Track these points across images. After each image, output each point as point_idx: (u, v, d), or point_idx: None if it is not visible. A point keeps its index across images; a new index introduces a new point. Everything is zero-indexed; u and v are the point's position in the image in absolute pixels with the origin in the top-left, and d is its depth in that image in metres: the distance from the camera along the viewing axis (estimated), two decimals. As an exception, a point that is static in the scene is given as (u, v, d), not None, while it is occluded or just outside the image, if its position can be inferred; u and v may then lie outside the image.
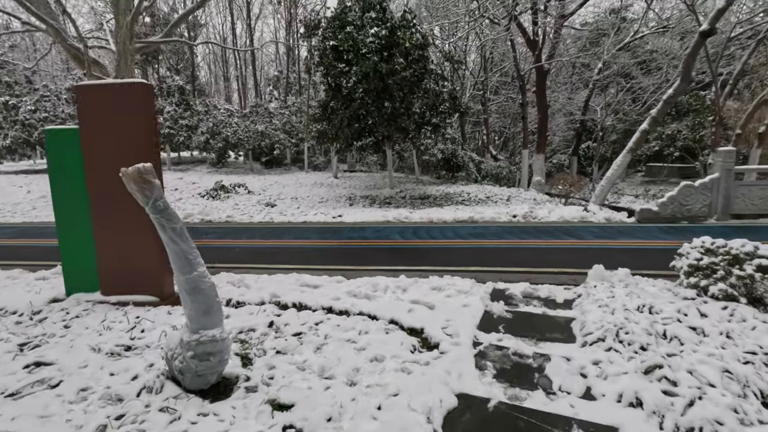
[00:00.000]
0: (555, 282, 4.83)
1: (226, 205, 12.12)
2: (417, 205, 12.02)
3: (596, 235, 7.30)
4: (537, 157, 16.38)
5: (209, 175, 21.27)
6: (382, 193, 14.46)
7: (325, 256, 6.47)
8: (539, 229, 7.95)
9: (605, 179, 11.88)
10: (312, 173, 21.94)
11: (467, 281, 4.61)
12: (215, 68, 53.44)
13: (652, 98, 20.49)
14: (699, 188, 8.13)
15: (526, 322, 3.74)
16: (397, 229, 8.17)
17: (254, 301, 4.32)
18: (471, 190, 15.14)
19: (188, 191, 14.90)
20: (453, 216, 9.14)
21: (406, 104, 11.24)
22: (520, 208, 9.79)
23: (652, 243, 6.77)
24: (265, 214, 10.38)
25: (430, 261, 5.90)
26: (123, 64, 15.05)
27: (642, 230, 7.68)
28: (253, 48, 30.72)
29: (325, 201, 13.18)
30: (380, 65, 10.28)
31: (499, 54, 25.95)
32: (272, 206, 12.03)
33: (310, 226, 8.91)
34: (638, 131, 11.47)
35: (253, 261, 6.06)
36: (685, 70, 10.58)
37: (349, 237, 7.60)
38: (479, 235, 7.53)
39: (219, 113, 25.93)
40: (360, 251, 6.72)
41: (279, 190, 15.64)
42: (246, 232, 8.33)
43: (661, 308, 3.53)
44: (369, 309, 3.99)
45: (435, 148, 19.57)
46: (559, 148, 26.66)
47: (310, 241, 7.40)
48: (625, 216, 8.80)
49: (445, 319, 3.71)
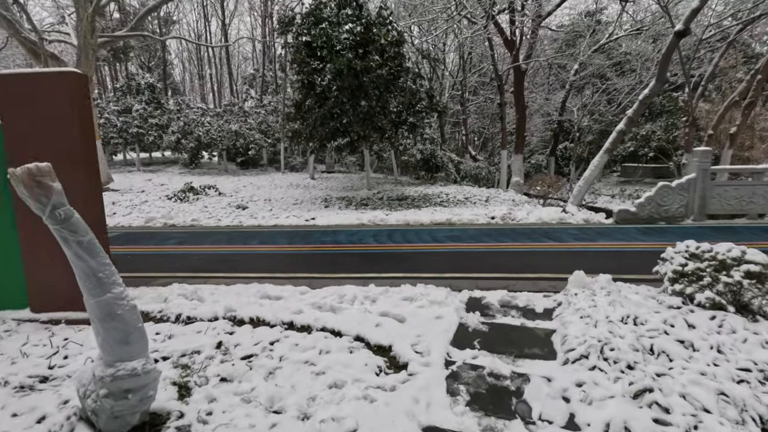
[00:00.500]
0: (534, 289, 4.57)
1: (195, 207, 11.53)
2: (394, 207, 11.70)
3: (575, 237, 7.12)
4: (515, 158, 16.30)
5: (181, 176, 20.47)
6: (359, 194, 14.09)
7: (293, 263, 6.06)
8: (518, 231, 7.73)
9: (583, 180, 11.82)
10: (289, 174, 21.39)
11: (441, 290, 4.29)
12: (190, 66, 52.09)
13: (626, 99, 20.79)
14: (676, 189, 8.07)
15: (504, 336, 3.44)
16: (371, 233, 7.82)
17: (206, 317, 3.90)
18: (450, 191, 14.92)
19: (155, 193, 14.20)
20: (430, 218, 8.85)
21: (382, 103, 10.91)
22: (499, 209, 9.58)
23: (631, 245, 6.61)
24: (234, 217, 9.88)
25: (404, 267, 5.57)
26: (84, 58, 14.24)
27: (620, 231, 7.55)
28: (224, 44, 29.82)
29: (299, 203, 12.73)
30: (355, 62, 9.92)
31: (477, 55, 25.95)
32: (243, 209, 11.50)
33: (281, 229, 8.47)
34: (615, 131, 11.44)
35: (213, 269, 5.61)
36: (660, 71, 10.59)
37: (321, 241, 7.21)
38: (456, 238, 7.25)
39: (192, 112, 25.04)
40: (331, 257, 6.34)
41: (252, 191, 15.08)
42: (211, 236, 7.83)
43: (646, 319, 3.28)
44: (333, 323, 3.63)
45: (414, 149, 19.34)
46: (537, 148, 26.84)
47: (278, 246, 6.96)
48: (604, 217, 8.69)
49: (416, 335, 3.38)
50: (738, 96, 13.66)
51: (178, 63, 53.23)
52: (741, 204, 8.03)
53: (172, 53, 47.11)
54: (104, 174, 15.35)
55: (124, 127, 22.16)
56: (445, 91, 25.46)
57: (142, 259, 6.28)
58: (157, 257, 6.36)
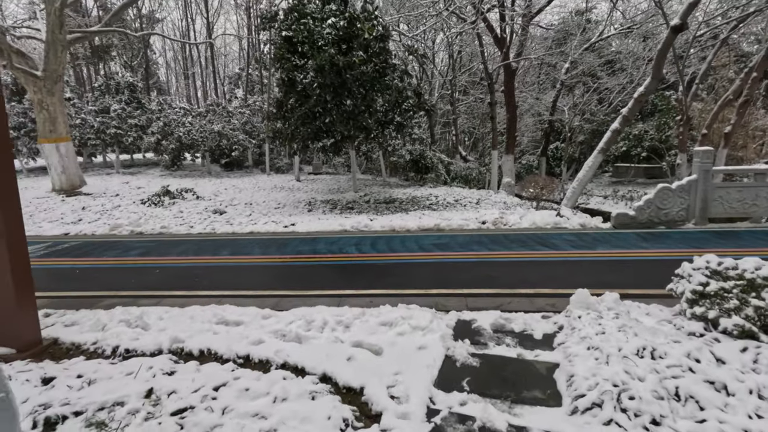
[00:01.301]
0: (531, 308, 4.04)
1: (169, 213, 10.85)
2: (381, 211, 11.15)
3: (572, 244, 6.63)
4: (506, 158, 15.86)
5: (161, 178, 19.69)
6: (345, 197, 13.51)
7: (263, 278, 5.47)
8: (510, 237, 7.23)
9: (576, 181, 11.40)
10: (274, 176, 20.73)
11: (426, 313, 3.74)
12: (176, 66, 51.03)
13: (617, 99, 20.51)
14: (676, 191, 7.64)
15: (498, 372, 2.90)
16: (353, 240, 7.25)
17: (148, 349, 3.31)
18: (439, 193, 14.42)
19: (131, 197, 13.46)
20: (417, 224, 8.31)
21: (367, 101, 10.35)
22: (490, 213, 9.07)
23: (633, 253, 6.14)
24: (209, 224, 9.23)
25: (386, 282, 5.01)
26: (52, 54, 13.45)
27: (619, 237, 7.08)
28: (203, 42, 29.03)
29: (281, 207, 12.11)
30: (337, 58, 9.34)
31: (467, 54, 25.56)
32: (221, 213, 10.85)
33: (257, 237, 7.86)
34: (609, 131, 11.03)
35: (172, 286, 4.99)
36: (655, 68, 10.19)
37: (298, 251, 6.62)
38: (445, 246, 6.71)
39: (174, 112, 24.20)
40: (306, 270, 5.76)
41: (233, 195, 14.43)
42: (179, 246, 7.19)
43: (666, 351, 2.76)
44: (297, 357, 3.06)
45: (403, 149, 18.83)
46: (528, 148, 26.50)
47: (250, 257, 6.36)
48: (600, 221, 8.23)
49: (394, 372, 2.83)
50: (732, 94, 13.36)
51: (163, 63, 52.18)
52: (744, 207, 7.62)
53: (156, 53, 46.06)
54: (76, 177, 14.58)
55: (102, 128, 21.29)
56: (435, 91, 25.01)
57: (94, 274, 5.64)
58: (111, 272, 5.72)
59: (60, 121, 13.85)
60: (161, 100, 26.40)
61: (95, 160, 27.05)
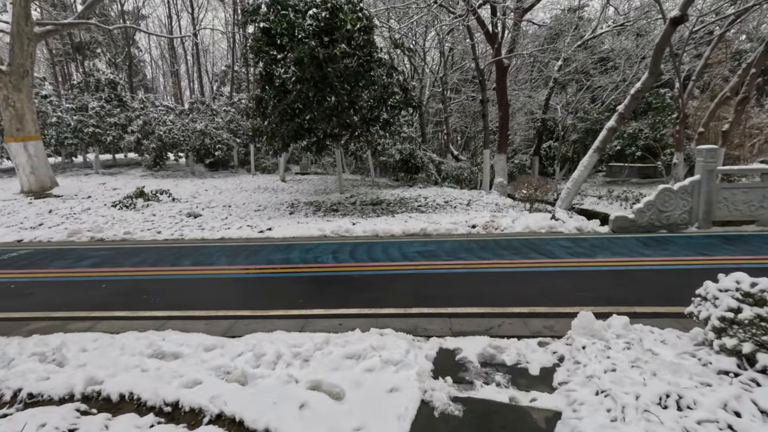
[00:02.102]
0: (525, 332, 3.47)
1: (139, 216, 10.15)
2: (367, 213, 10.55)
3: (569, 251, 6.08)
4: (499, 157, 15.34)
5: (141, 179, 18.91)
6: (331, 198, 12.90)
7: (221, 294, 4.83)
8: (502, 244, 6.67)
9: (571, 181, 10.90)
10: (259, 176, 20.05)
11: (401, 341, 3.15)
12: (162, 64, 50.01)
13: (611, 97, 20.11)
14: (679, 192, 7.13)
15: (485, 425, 2.32)
16: (332, 247, 6.64)
17: (57, 393, 2.69)
18: (429, 193, 13.86)
19: (103, 199, 12.72)
20: (403, 228, 7.72)
21: (351, 97, 9.74)
22: (481, 216, 8.52)
23: (636, 261, 5.60)
24: (179, 229, 8.56)
25: (361, 297, 4.42)
26: (18, 48, 12.65)
27: (619, 243, 6.56)
28: (185, 35, 28.27)
29: (262, 209, 11.46)
30: (317, 50, 8.72)
31: (459, 52, 25.06)
32: (195, 217, 10.18)
33: (227, 244, 7.21)
34: (605, 129, 10.54)
35: (114, 305, 4.35)
36: (653, 63, 9.70)
37: (268, 260, 5.99)
38: (430, 254, 6.13)
39: (157, 110, 23.36)
40: (272, 284, 5.13)
41: (213, 196, 13.74)
42: (139, 255, 6.53)
43: (695, 399, 2.20)
44: (237, 406, 2.46)
45: (393, 149, 18.25)
46: (520, 147, 26.04)
47: (213, 268, 5.72)
48: (598, 224, 7.70)
49: (355, 428, 2.24)
50: (729, 91, 12.95)
51: (150, 60, 51.16)
52: (750, 209, 7.13)
53: (141, 50, 45.03)
54: (46, 177, 13.80)
55: (80, 127, 20.43)
56: (426, 89, 24.48)
57: (31, 289, 4.96)
58: (51, 287, 5.05)
59: (28, 119, 13.06)
60: (144, 98, 25.53)
61: (75, 160, 26.14)
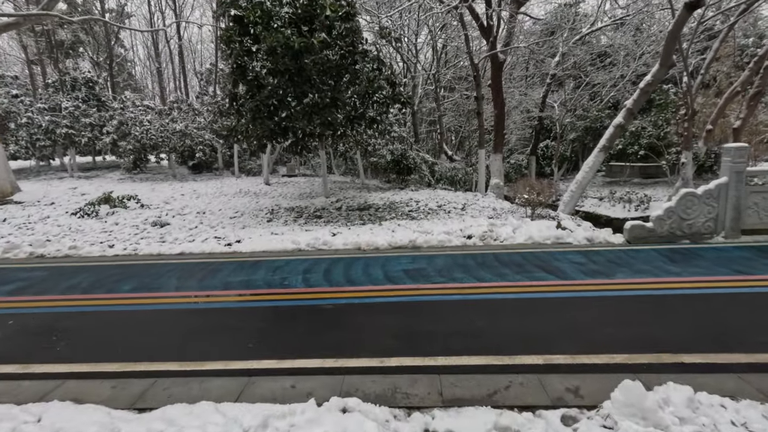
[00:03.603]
0: (542, 399, 2.53)
1: (98, 226, 9.12)
2: (352, 220, 9.60)
3: (583, 269, 5.16)
4: (494, 157, 14.43)
5: (118, 183, 17.86)
6: (315, 203, 11.93)
7: (151, 335, 3.81)
8: (503, 259, 5.74)
9: (575, 184, 10.01)
10: (244, 179, 19.02)
11: (370, 425, 2.21)
12: (150, 64, 48.81)
13: (609, 94, 19.29)
14: (703, 197, 6.24)
15: None
16: (305, 265, 5.68)
17: None
18: (421, 197, 12.93)
19: (66, 206, 11.67)
20: (389, 239, 6.77)
21: (333, 93, 8.79)
22: (477, 224, 7.59)
23: (665, 283, 4.69)
24: (136, 242, 7.55)
25: (326, 342, 3.46)
26: (-31, 42, 11.58)
27: (639, 257, 5.65)
28: (155, 29, 27.20)
29: (238, 216, 10.46)
30: (292, 39, 7.74)
31: (453, 48, 24.22)
32: (161, 226, 9.17)
33: (186, 260, 6.23)
34: (612, 126, 9.66)
35: (8, 354, 3.36)
36: (665, 53, 8.83)
37: (226, 284, 5.02)
38: (419, 273, 5.19)
39: (137, 110, 22.23)
40: (220, 318, 4.14)
41: (188, 201, 12.71)
42: (75, 277, 5.51)
43: None
44: None
45: (385, 149, 17.31)
46: (516, 147, 25.19)
47: (155, 295, 4.73)
48: (610, 233, 6.79)
49: None
50: (740, 86, 12.13)
51: (138, 61, 50.00)
52: (784, 216, 6.27)
53: (126, 48, 43.79)
54: (6, 183, 12.74)
55: (51, 128, 19.29)
56: (419, 87, 23.59)
57: None
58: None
59: (-17, 120, 11.97)
60: (124, 98, 24.38)
61: (53, 163, 24.93)
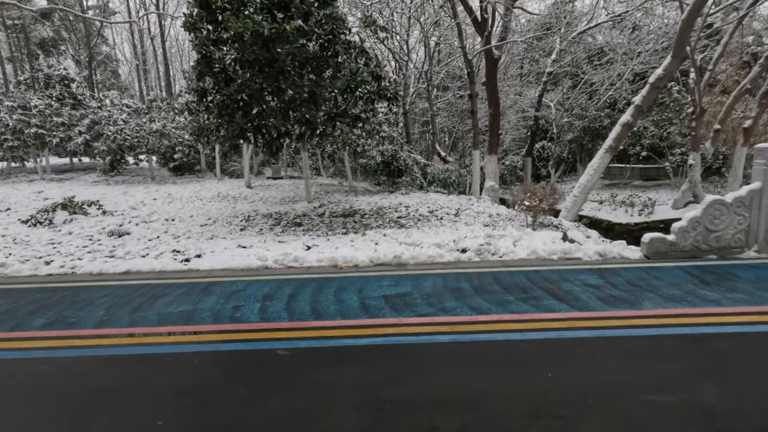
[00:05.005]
0: None
1: (46, 237, 8.10)
2: (335, 228, 8.67)
3: (600, 295, 4.28)
4: (489, 159, 13.59)
5: (91, 186, 16.75)
6: (296, 208, 10.98)
7: (24, 406, 2.88)
8: (503, 280, 4.84)
9: (578, 188, 9.17)
10: (226, 181, 17.99)
11: None
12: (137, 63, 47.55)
13: (607, 93, 18.56)
14: (733, 205, 5.40)
15: None
16: (267, 289, 4.74)
17: None
18: (412, 201, 12.01)
19: (22, 212, 10.61)
20: (371, 254, 5.85)
21: (311, 88, 7.86)
22: (473, 234, 6.70)
23: (707, 316, 3.81)
24: (81, 256, 6.55)
25: (264, 417, 2.52)
26: None
27: (664, 278, 4.78)
28: (128, 21, 26.20)
29: (210, 224, 9.49)
30: (262, 24, 6.81)
31: (446, 48, 23.42)
32: (120, 236, 8.17)
33: (128, 281, 5.25)
34: (618, 124, 8.84)
35: None
36: (678, 44, 8.01)
37: (162, 317, 4.06)
38: (402, 301, 4.27)
39: (114, 109, 21.10)
40: (132, 374, 3.16)
41: (159, 207, 11.70)
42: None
43: None
44: None
45: (375, 150, 16.41)
46: (511, 148, 24.41)
47: (67, 334, 3.74)
48: (624, 247, 5.92)
49: None
50: (750, 83, 11.39)
51: (123, 60, 48.74)
52: (826, 227, 5.45)
53: (111, 45, 42.49)
54: (-42, 187, 11.60)
55: (20, 127, 18.12)
56: (411, 86, 22.75)
57: None
58: None
59: (-69, 117, 10.87)
60: (102, 96, 23.22)
61: (28, 164, 23.67)
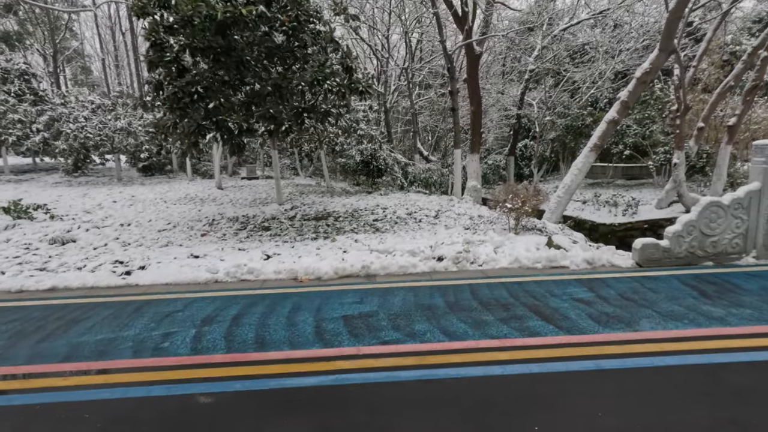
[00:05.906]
0: None
1: (-22, 245, 7.23)
2: (305, 233, 8.02)
3: (592, 312, 3.75)
4: (471, 158, 13.10)
5: (51, 188, 15.68)
6: (266, 211, 10.27)
7: None
8: (482, 295, 4.27)
9: (562, 188, 8.71)
10: (198, 182, 17.12)
11: None
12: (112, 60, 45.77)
13: (589, 91, 18.30)
14: (730, 208, 4.96)
15: None
16: (209, 309, 4.07)
17: None
18: (390, 203, 11.42)
19: (-39, 217, 9.61)
20: (336, 264, 5.22)
21: (276, 80, 7.18)
22: (451, 240, 6.14)
23: (714, 339, 3.31)
24: (1, 270, 5.75)
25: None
26: None
27: (660, 289, 4.29)
28: (87, 9, 25.07)
29: (169, 228, 8.71)
30: (216, 7, 6.11)
31: (428, 44, 22.93)
32: (63, 244, 7.34)
33: (50, 301, 4.51)
34: (603, 121, 8.41)
35: None
36: (665, 37, 7.60)
37: (72, 349, 3.35)
38: (365, 324, 3.66)
39: (78, 105, 19.92)
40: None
41: (117, 210, 10.82)
42: None
43: None
44: None
45: (354, 149, 15.78)
46: (494, 147, 24.05)
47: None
48: (614, 253, 5.44)
49: None
50: (734, 80, 11.15)
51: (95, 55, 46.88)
52: (827, 230, 5.05)
53: (78, 39, 40.71)
54: None
55: (-28, 125, 16.90)
56: (392, 84, 22.19)
57: None
58: None
59: None
60: (65, 92, 21.94)
61: (-15, 164, 22.27)
